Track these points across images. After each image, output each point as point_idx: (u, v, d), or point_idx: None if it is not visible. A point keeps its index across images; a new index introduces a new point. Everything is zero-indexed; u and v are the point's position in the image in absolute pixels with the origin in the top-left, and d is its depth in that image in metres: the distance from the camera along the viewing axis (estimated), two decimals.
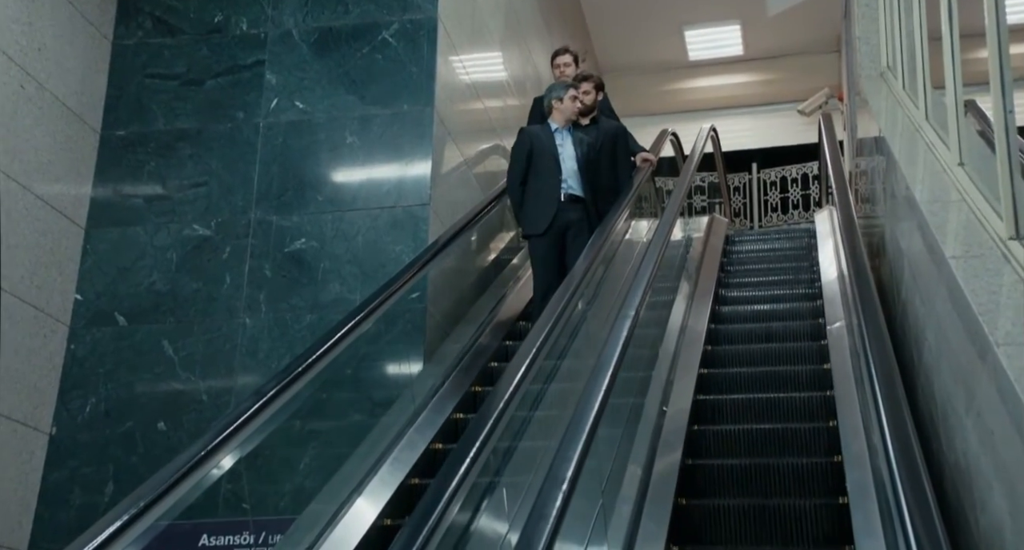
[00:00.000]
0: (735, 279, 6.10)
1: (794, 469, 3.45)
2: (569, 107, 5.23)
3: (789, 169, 10.85)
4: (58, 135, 5.02)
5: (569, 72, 5.92)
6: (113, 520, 2.39)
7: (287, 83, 5.28)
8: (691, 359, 4.42)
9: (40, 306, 4.80)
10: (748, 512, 3.22)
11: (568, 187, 5.07)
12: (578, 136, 5.21)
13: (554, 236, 4.98)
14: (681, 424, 3.73)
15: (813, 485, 3.40)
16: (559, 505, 1.96)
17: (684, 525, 3.18)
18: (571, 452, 2.19)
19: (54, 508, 4.62)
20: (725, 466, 3.56)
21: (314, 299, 4.86)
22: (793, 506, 3.21)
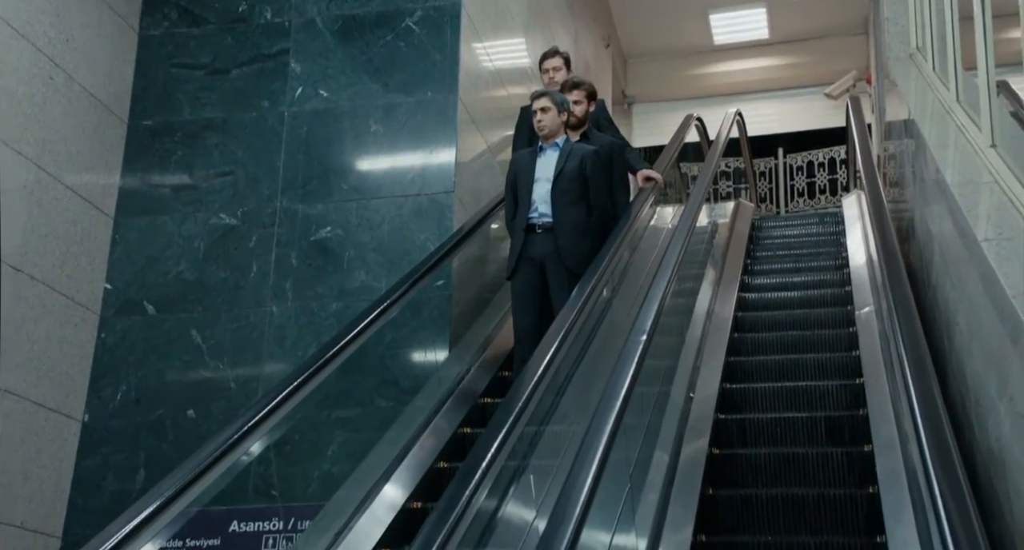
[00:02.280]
0: (762, 266, 6.03)
1: (823, 457, 3.41)
2: (536, 126, 4.42)
3: (816, 153, 10.74)
4: (87, 126, 5.07)
5: (559, 77, 5.06)
6: (145, 506, 2.42)
7: (311, 71, 5.29)
8: (718, 345, 4.39)
9: (71, 295, 4.85)
10: (776, 502, 3.19)
11: (537, 215, 4.26)
12: (565, 152, 4.35)
13: (528, 273, 4.20)
14: (708, 411, 3.71)
15: (843, 474, 3.36)
16: (587, 490, 1.95)
17: (711, 513, 3.16)
18: (598, 437, 2.19)
19: (87, 494, 4.69)
20: (752, 455, 3.52)
21: (340, 287, 4.88)
22: (822, 495, 3.17)
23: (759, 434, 3.71)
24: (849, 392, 3.91)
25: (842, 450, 3.45)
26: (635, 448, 3.01)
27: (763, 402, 3.99)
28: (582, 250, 4.13)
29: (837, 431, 3.64)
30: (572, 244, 4.17)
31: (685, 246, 3.86)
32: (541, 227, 4.24)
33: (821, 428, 3.67)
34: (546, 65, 5.20)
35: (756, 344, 4.65)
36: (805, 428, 3.68)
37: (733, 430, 3.74)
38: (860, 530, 3.05)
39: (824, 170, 10.64)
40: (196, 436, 4.56)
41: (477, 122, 5.42)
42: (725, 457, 3.51)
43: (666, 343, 3.89)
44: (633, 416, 2.76)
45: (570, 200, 4.23)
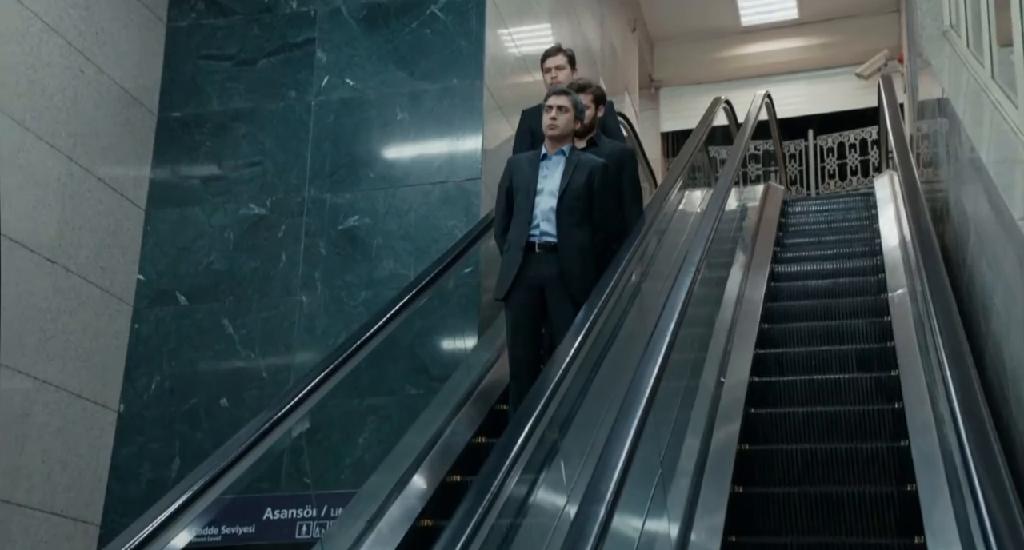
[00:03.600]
0: (791, 253, 5.93)
1: (857, 452, 3.31)
2: (546, 124, 3.92)
3: (847, 134, 10.60)
4: (117, 118, 5.11)
5: (562, 77, 4.56)
6: (180, 494, 2.45)
7: (337, 60, 5.30)
8: (748, 331, 4.36)
9: (105, 287, 4.91)
10: (810, 500, 3.12)
11: (539, 233, 3.78)
12: (572, 164, 3.88)
13: (524, 298, 3.72)
14: (739, 395, 3.68)
15: (879, 469, 3.27)
16: (618, 473, 1.95)
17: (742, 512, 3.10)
18: (629, 420, 2.18)
19: (125, 483, 4.76)
20: (784, 451, 3.43)
21: (368, 276, 4.90)
22: (857, 493, 3.08)
23: (791, 428, 3.63)
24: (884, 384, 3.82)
25: (877, 445, 3.37)
26: (666, 432, 3.00)
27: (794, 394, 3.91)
28: (588, 276, 3.67)
29: (872, 423, 3.55)
30: (578, 269, 3.71)
31: (714, 231, 3.82)
32: (542, 247, 3.75)
33: (855, 420, 3.57)
34: (548, 64, 4.68)
35: (786, 334, 4.54)
36: (838, 422, 3.59)
37: (766, 423, 3.68)
38: (895, 532, 2.97)
39: (855, 151, 10.51)
40: (229, 424, 4.61)
41: (503, 108, 5.40)
42: (755, 453, 3.45)
43: (695, 328, 3.86)
44: (663, 403, 2.75)
45: (576, 220, 3.78)
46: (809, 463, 3.34)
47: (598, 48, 8.17)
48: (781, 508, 3.11)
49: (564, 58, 4.65)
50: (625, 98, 9.13)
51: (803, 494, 3.15)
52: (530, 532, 2.77)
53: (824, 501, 3.11)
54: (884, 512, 3.03)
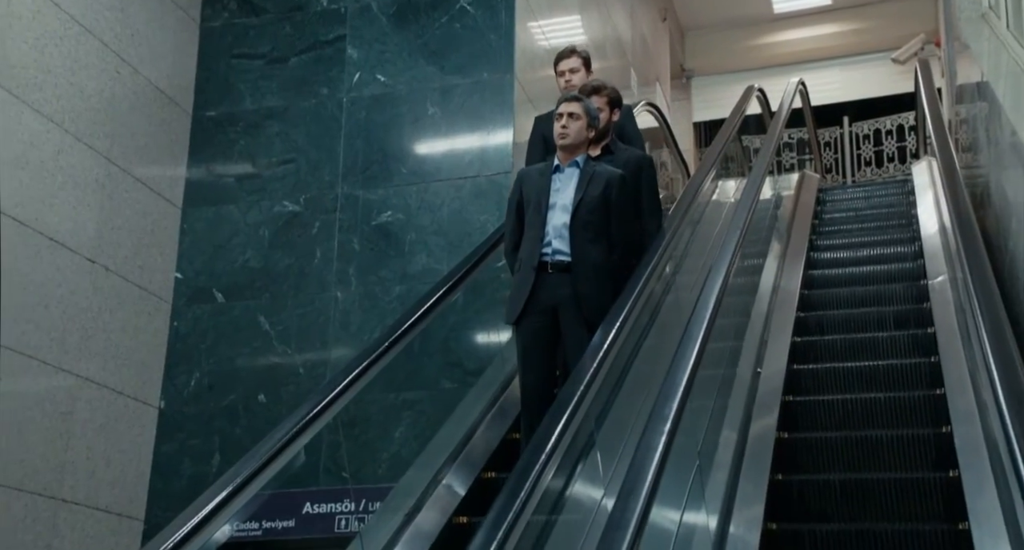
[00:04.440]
0: (827, 241, 5.85)
1: (897, 440, 3.27)
2: (557, 133, 3.60)
3: (883, 121, 10.45)
4: (153, 118, 5.18)
5: (576, 80, 4.26)
6: (221, 489, 2.48)
7: (368, 57, 5.32)
8: (784, 320, 4.31)
9: (143, 285, 4.98)
10: (849, 487, 3.09)
11: (551, 251, 3.46)
12: (587, 176, 3.55)
13: (536, 322, 3.42)
14: (776, 385, 3.65)
15: (919, 457, 3.24)
16: (656, 464, 1.94)
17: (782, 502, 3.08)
18: (666, 411, 2.17)
19: (167, 478, 4.83)
20: (823, 439, 3.40)
21: (402, 271, 4.92)
22: (898, 481, 3.04)
23: (830, 415, 3.59)
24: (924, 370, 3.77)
25: (918, 431, 3.33)
26: (703, 423, 2.98)
27: (833, 381, 3.87)
28: (604, 297, 3.35)
29: (912, 411, 3.51)
30: (594, 290, 3.39)
31: (748, 221, 3.78)
32: (555, 266, 3.43)
33: (895, 408, 3.54)
34: (561, 66, 4.36)
35: (824, 323, 4.50)
36: (882, 409, 3.55)
37: (804, 412, 3.65)
38: (941, 515, 2.91)
39: (892, 137, 10.35)
40: (267, 420, 4.66)
41: (534, 101, 5.39)
42: (794, 441, 3.42)
43: (731, 318, 3.83)
44: (699, 393, 2.73)
45: (591, 236, 3.46)
46: (850, 449, 3.30)
47: (628, 39, 8.12)
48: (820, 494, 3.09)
49: (578, 60, 4.34)
50: (656, 88, 9.07)
51: (842, 482, 3.13)
52: (567, 525, 2.76)
53: (862, 487, 3.09)
54: (928, 500, 2.99)
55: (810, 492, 3.16)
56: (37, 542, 4.19)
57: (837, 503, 3.09)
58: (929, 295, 4.38)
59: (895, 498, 3.02)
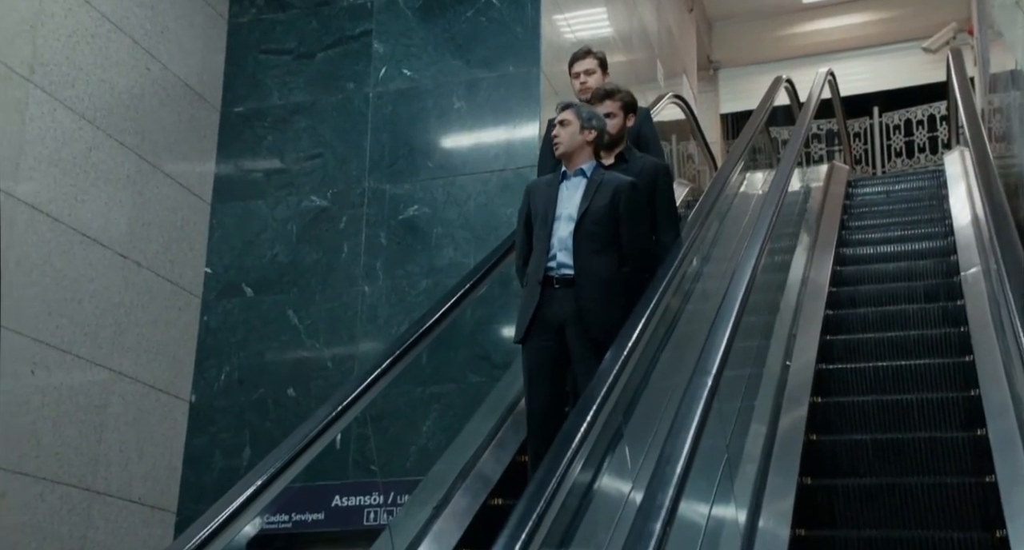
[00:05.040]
0: (857, 235, 5.76)
1: (930, 443, 3.21)
2: (553, 144, 3.46)
3: (914, 111, 10.31)
4: (182, 115, 5.23)
5: (592, 82, 4.07)
6: (252, 482, 2.50)
7: (394, 51, 5.33)
8: (814, 314, 4.28)
9: (174, 280, 5.04)
10: (880, 495, 3.03)
11: (556, 264, 3.27)
12: (594, 184, 3.36)
13: (542, 341, 3.24)
14: (807, 378, 3.62)
15: (954, 461, 3.17)
16: (685, 457, 1.94)
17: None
18: (696, 399, 2.17)
19: (198, 471, 4.89)
20: (854, 442, 3.34)
21: (429, 264, 4.93)
22: (933, 485, 2.97)
23: (861, 417, 3.52)
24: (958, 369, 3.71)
25: (951, 435, 3.28)
26: (731, 415, 2.97)
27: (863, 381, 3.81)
28: (612, 314, 3.15)
29: (946, 411, 3.44)
30: (600, 305, 3.19)
31: (776, 214, 3.74)
32: (560, 281, 3.24)
33: (928, 408, 3.48)
34: (576, 68, 4.18)
35: (854, 320, 4.41)
36: (916, 409, 3.49)
37: (834, 413, 3.59)
38: (977, 522, 2.86)
39: (923, 128, 10.21)
40: (297, 414, 4.70)
41: (560, 94, 5.37)
42: (824, 443, 3.37)
43: (759, 315, 3.80)
44: (729, 384, 2.72)
45: (597, 247, 3.25)
46: (882, 451, 3.27)
47: (655, 30, 8.07)
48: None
49: (594, 61, 4.14)
50: (683, 80, 9.02)
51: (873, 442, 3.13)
52: (595, 519, 2.77)
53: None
54: (957, 457, 2.98)
55: (842, 451, 3.26)
56: (73, 533, 4.26)
57: (869, 461, 3.17)
58: (962, 290, 4.32)
59: (925, 455, 3.12)
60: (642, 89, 7.19)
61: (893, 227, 5.79)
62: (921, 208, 6.12)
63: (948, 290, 4.49)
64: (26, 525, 4.04)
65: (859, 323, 4.35)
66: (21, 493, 4.03)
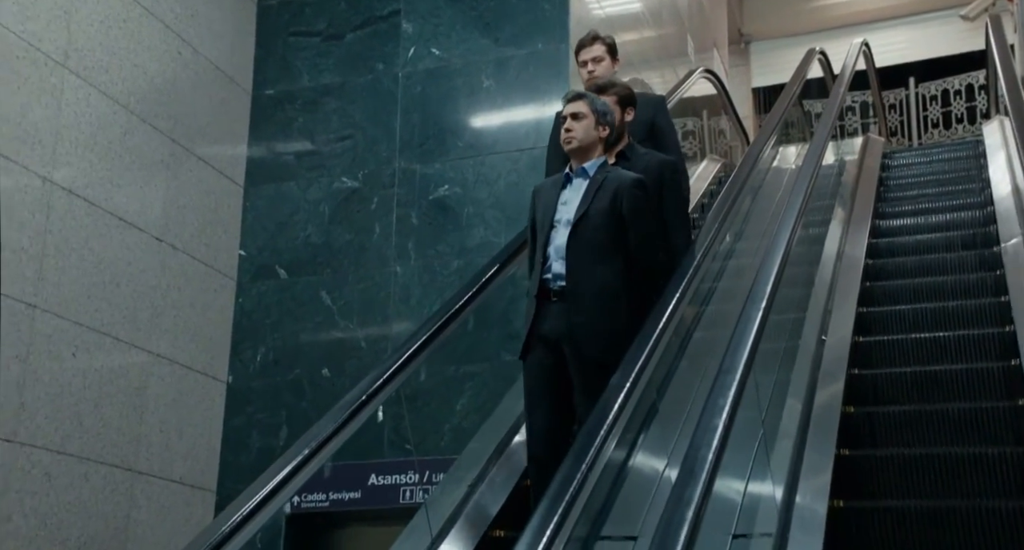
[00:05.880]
0: (893, 207, 5.66)
1: (969, 414, 3.18)
2: (562, 138, 3.18)
3: (951, 81, 10.11)
4: (214, 98, 5.26)
5: (601, 71, 3.77)
6: (289, 461, 2.53)
7: (423, 31, 5.32)
8: (849, 288, 4.23)
9: (209, 262, 5.09)
10: (919, 420, 3.10)
11: (552, 275, 3.02)
12: (596, 184, 3.08)
13: (541, 358, 2.99)
14: (842, 353, 3.59)
15: (995, 432, 3.13)
16: (721, 432, 1.93)
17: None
18: (729, 379, 2.15)
19: (236, 451, 4.96)
20: (891, 413, 3.32)
21: (460, 244, 4.94)
22: (971, 455, 2.94)
23: (899, 389, 3.49)
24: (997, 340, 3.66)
25: (992, 405, 3.24)
26: (766, 391, 2.95)
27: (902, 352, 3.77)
28: (614, 329, 2.86)
29: (986, 382, 3.40)
30: (595, 319, 2.90)
31: (810, 189, 3.69)
32: (556, 294, 2.98)
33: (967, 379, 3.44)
34: (583, 56, 3.84)
35: (890, 291, 4.37)
36: (952, 380, 3.44)
37: (871, 385, 3.56)
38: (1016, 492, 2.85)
39: (961, 98, 10.01)
40: (332, 394, 4.74)
41: None
42: (859, 416, 3.35)
43: (794, 289, 3.77)
44: (764, 358, 2.70)
45: (595, 255, 2.96)
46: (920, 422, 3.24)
47: (685, 4, 7.97)
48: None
49: (602, 48, 3.82)
50: (714, 55, 8.91)
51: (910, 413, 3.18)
52: (630, 496, 2.77)
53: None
54: (991, 386, 2.99)
55: (882, 383, 3.44)
56: (116, 512, 4.35)
57: (908, 392, 3.34)
58: (1002, 260, 4.24)
59: (961, 385, 3.28)
60: (672, 64, 7.12)
61: (930, 199, 5.70)
62: (959, 179, 6.01)
63: (988, 261, 4.42)
64: (72, 504, 4.13)
65: (897, 294, 4.30)
66: (66, 473, 4.12)
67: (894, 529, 2.68)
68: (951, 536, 2.62)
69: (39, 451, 4.01)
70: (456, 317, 3.35)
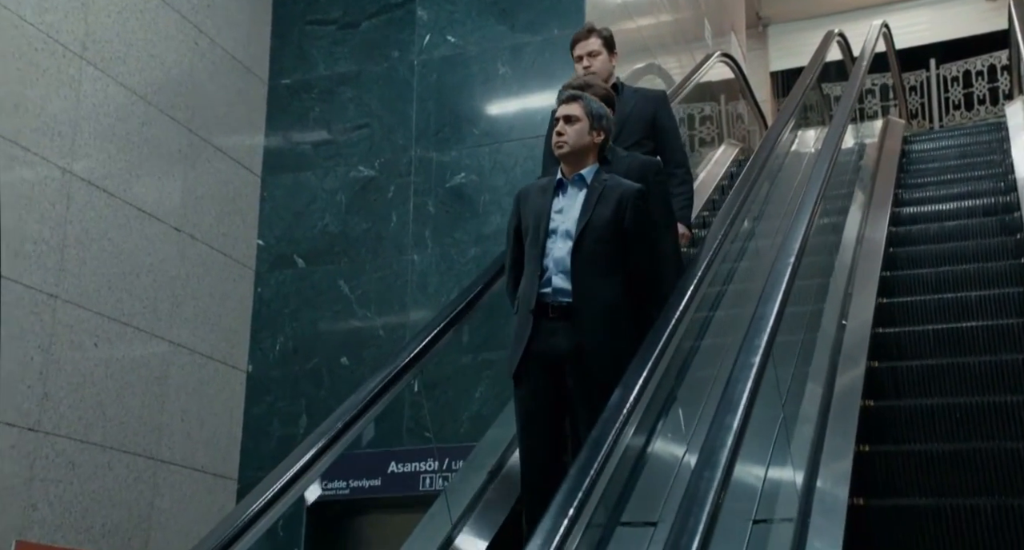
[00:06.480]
0: (913, 194, 5.59)
1: (990, 367, 3.26)
2: (553, 141, 2.96)
3: (973, 61, 9.97)
4: (231, 88, 5.27)
5: (597, 66, 3.55)
6: (308, 448, 2.54)
7: (438, 18, 5.30)
8: (870, 271, 4.19)
9: (228, 252, 5.12)
10: (937, 413, 3.09)
11: (551, 290, 2.80)
12: (596, 192, 2.86)
13: (538, 380, 2.79)
14: (864, 335, 3.56)
15: (1014, 382, 3.19)
16: (739, 418, 1.92)
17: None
18: (751, 359, 2.14)
19: (257, 439, 4.99)
20: (914, 367, 3.36)
21: (477, 232, 4.93)
22: (992, 404, 3.03)
23: (921, 381, 3.47)
24: None
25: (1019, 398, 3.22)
26: (787, 375, 2.93)
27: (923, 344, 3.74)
28: (619, 349, 2.67)
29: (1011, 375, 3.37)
30: (603, 340, 2.73)
31: (829, 173, 3.66)
32: (557, 310, 2.77)
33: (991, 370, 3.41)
34: (578, 50, 3.61)
35: (911, 281, 4.32)
36: (977, 371, 3.43)
37: (890, 378, 3.52)
38: None
39: (983, 79, 9.88)
40: (350, 382, 4.76)
41: None
42: (882, 410, 3.31)
43: (813, 274, 3.74)
44: (784, 341, 2.69)
45: (600, 269, 2.78)
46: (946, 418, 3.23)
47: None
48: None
49: (598, 41, 3.58)
50: (731, 38, 8.83)
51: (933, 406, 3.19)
52: (650, 480, 2.76)
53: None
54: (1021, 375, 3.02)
55: (906, 341, 3.59)
56: (140, 500, 4.39)
57: (931, 347, 3.49)
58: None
59: (983, 341, 3.42)
60: (689, 48, 7.07)
61: (951, 184, 5.62)
62: (982, 163, 5.93)
63: (1011, 247, 4.36)
64: (95, 492, 4.18)
65: (917, 284, 4.27)
66: (90, 462, 4.16)
67: (918, 471, 2.83)
68: (973, 476, 2.76)
69: (63, 440, 4.06)
70: (474, 305, 3.35)
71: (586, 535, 2.00)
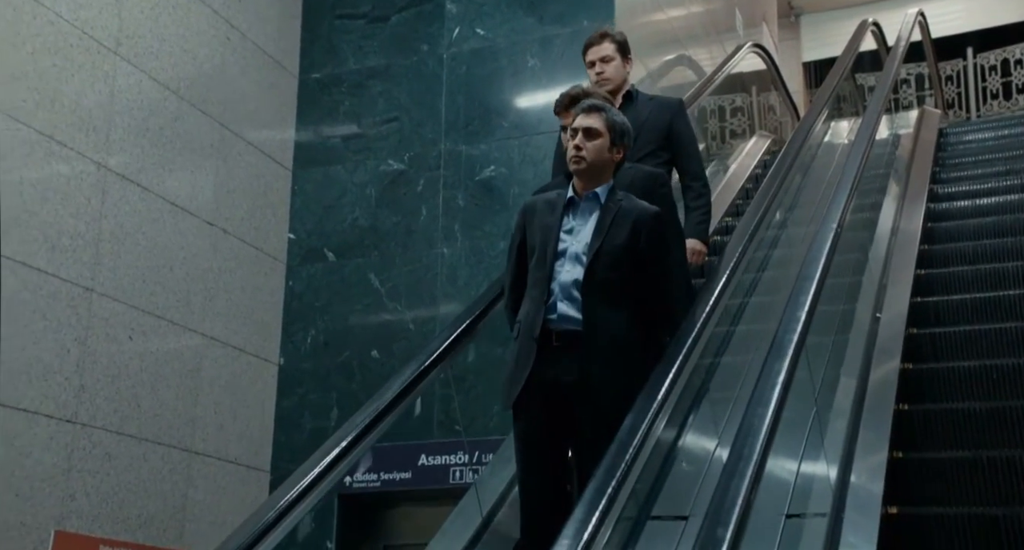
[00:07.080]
0: (949, 188, 5.46)
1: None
2: (569, 156, 2.69)
3: (1012, 50, 9.78)
4: (262, 82, 5.31)
5: (611, 72, 3.40)
6: (340, 440, 2.55)
7: (467, 11, 5.29)
8: (905, 264, 4.13)
9: (259, 246, 5.15)
10: (975, 375, 3.14)
11: (557, 316, 2.59)
12: (610, 214, 2.64)
13: (539, 411, 2.58)
14: (898, 329, 3.51)
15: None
16: (772, 411, 1.90)
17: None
18: (783, 352, 2.12)
19: (288, 432, 5.03)
20: (951, 411, 3.18)
21: (506, 225, 4.92)
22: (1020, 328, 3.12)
23: (959, 386, 3.41)
24: None
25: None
26: (819, 369, 2.91)
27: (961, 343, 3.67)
28: (629, 382, 2.47)
29: None
30: (614, 373, 2.52)
31: (863, 164, 3.61)
32: (562, 337, 2.55)
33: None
34: (590, 55, 3.44)
35: (949, 257, 4.28)
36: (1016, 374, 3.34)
37: (927, 382, 3.45)
38: None
39: (1021, 67, 9.70)
40: (381, 375, 4.78)
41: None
42: (914, 413, 3.25)
43: (847, 266, 3.69)
44: (817, 337, 2.66)
45: (611, 296, 2.57)
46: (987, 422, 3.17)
47: None
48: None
49: (611, 46, 3.41)
50: (763, 29, 8.74)
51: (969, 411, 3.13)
52: (680, 475, 2.75)
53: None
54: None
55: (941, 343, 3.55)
56: (175, 491, 4.44)
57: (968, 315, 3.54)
58: None
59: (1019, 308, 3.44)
60: (720, 39, 7.01)
61: (989, 178, 5.50)
62: (1022, 156, 5.80)
63: None
64: (131, 484, 4.23)
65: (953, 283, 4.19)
66: (126, 454, 4.22)
67: (955, 428, 2.92)
68: (1009, 433, 2.84)
69: (99, 432, 4.11)
70: (502, 298, 3.34)
71: (616, 528, 1.99)
